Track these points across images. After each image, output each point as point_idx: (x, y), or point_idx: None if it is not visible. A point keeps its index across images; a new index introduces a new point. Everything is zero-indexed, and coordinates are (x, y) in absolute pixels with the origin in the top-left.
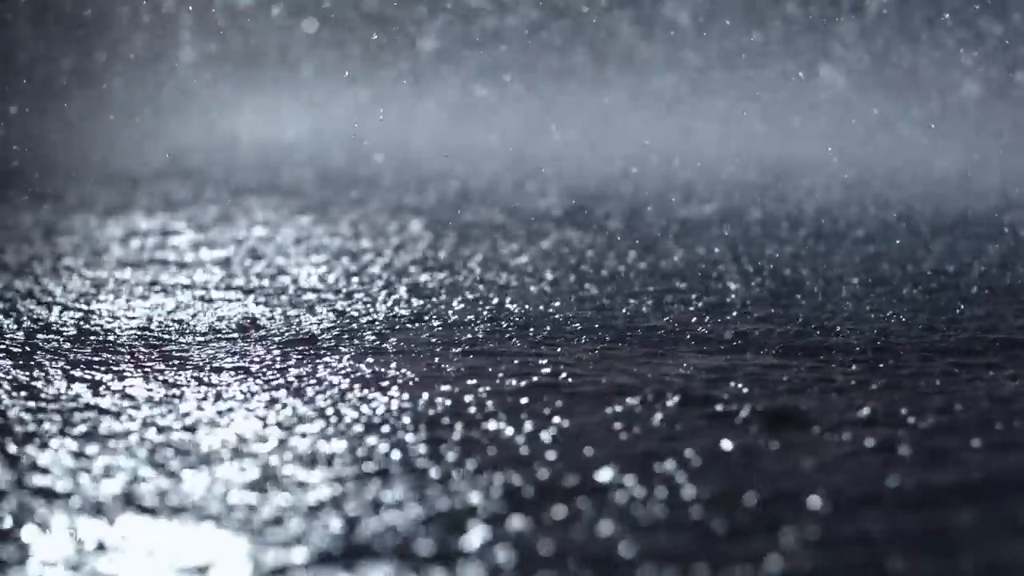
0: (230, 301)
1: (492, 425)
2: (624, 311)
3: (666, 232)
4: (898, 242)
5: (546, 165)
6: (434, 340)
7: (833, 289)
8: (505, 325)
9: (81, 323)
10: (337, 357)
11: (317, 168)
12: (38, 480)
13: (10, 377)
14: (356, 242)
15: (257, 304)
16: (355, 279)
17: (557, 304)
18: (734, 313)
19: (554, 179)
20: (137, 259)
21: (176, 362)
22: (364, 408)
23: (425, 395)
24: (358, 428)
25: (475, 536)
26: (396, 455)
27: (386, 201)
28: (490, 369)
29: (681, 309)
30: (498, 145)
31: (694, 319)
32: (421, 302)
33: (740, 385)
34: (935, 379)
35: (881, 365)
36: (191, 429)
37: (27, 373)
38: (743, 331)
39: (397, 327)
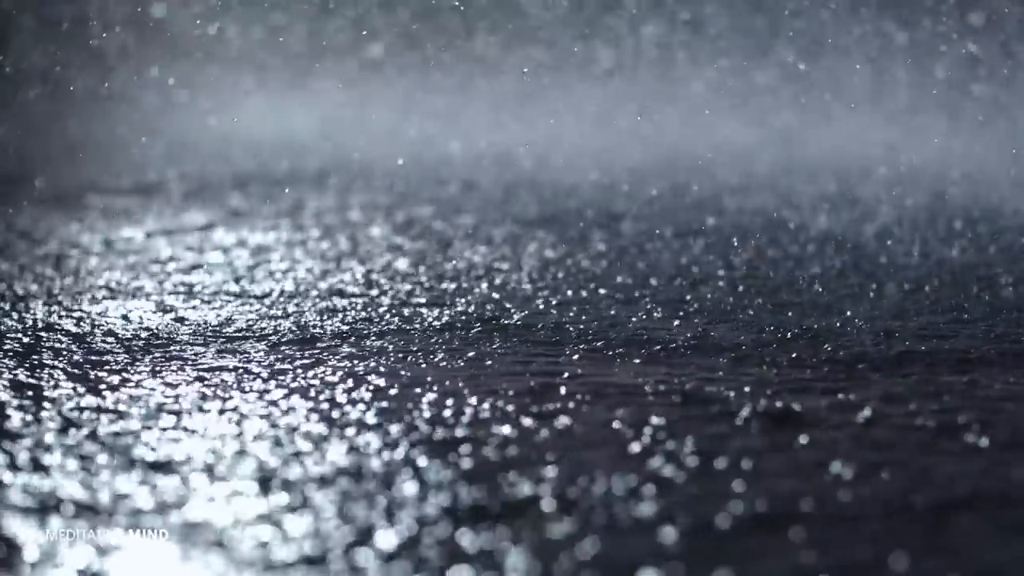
0: (230, 302)
1: (492, 425)
2: (624, 313)
3: (666, 234)
4: (901, 243)
5: (545, 166)
6: (434, 340)
7: (834, 291)
8: (505, 326)
9: (82, 324)
10: (337, 357)
11: (315, 169)
12: (39, 482)
13: (11, 378)
14: (355, 243)
15: (256, 305)
16: (354, 280)
17: (557, 305)
18: (735, 314)
19: (553, 180)
20: (137, 260)
21: (177, 363)
22: (364, 409)
23: (425, 395)
24: (359, 429)
25: (476, 537)
26: (397, 456)
27: (385, 201)
28: (490, 369)
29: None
30: (498, 144)
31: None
32: (421, 302)
33: (740, 385)
34: (936, 381)
35: (882, 367)
36: (192, 430)
37: (28, 374)
38: (744, 333)
39: (397, 327)
